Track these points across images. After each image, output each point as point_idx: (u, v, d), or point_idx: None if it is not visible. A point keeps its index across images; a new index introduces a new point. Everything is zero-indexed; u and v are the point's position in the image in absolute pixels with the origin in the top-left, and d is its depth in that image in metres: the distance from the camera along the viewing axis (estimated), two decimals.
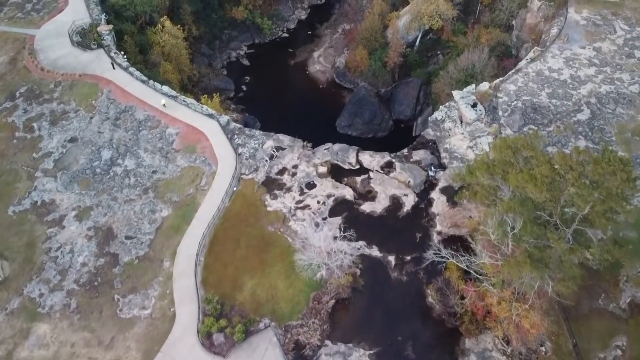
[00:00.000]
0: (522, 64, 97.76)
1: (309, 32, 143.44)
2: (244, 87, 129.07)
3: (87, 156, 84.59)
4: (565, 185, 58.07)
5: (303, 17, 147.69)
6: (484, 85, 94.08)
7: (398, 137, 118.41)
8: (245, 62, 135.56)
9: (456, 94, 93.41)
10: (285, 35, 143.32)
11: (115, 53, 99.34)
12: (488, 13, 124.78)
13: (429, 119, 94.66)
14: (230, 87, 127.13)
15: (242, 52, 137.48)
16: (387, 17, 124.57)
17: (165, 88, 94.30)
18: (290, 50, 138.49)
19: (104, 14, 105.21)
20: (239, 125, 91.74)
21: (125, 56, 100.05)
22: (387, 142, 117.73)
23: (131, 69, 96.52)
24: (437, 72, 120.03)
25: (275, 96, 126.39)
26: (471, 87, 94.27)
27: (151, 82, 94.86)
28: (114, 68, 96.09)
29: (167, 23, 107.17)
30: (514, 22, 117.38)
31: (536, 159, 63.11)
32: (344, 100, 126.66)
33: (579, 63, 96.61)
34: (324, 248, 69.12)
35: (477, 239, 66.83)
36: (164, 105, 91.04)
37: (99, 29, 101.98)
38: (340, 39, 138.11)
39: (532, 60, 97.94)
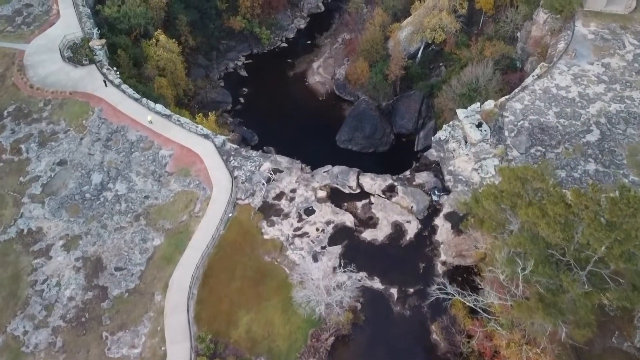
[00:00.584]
0: (528, 80, 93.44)
1: (309, 42, 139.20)
2: (242, 100, 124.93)
3: (76, 180, 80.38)
4: (579, 225, 54.00)
5: (302, 26, 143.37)
6: (489, 104, 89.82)
7: (399, 152, 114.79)
8: (243, 73, 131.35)
9: (460, 112, 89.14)
10: (284, 45, 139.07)
11: (107, 69, 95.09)
12: (492, 24, 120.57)
13: (432, 138, 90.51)
14: (227, 100, 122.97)
15: (239, 63, 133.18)
16: (389, 29, 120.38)
17: (159, 107, 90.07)
18: (289, 60, 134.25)
19: (96, 28, 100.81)
20: (234, 146, 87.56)
21: (117, 72, 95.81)
22: (389, 156, 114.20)
23: (124, 86, 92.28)
24: (439, 84, 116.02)
25: (274, 108, 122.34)
26: (476, 106, 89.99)
27: (144, 100, 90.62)
28: (105, 85, 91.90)
29: (162, 37, 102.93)
30: (518, 34, 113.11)
31: (547, 192, 59.11)
32: (344, 112, 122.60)
33: (587, 80, 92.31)
34: (322, 283, 64.88)
35: (485, 276, 62.66)
36: (150, 122, 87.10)
37: (91, 43, 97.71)
38: (340, 49, 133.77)
39: (539, 76, 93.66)
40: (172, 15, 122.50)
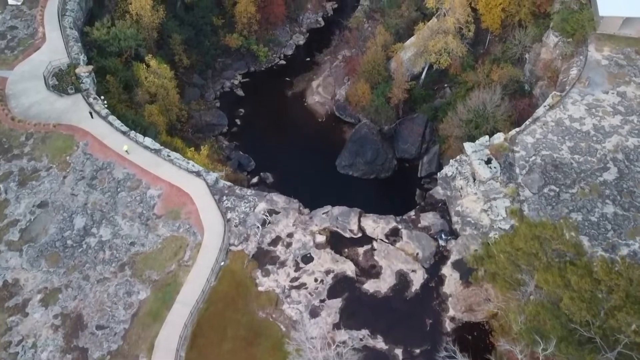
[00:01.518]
0: (540, 111, 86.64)
1: (308, 59, 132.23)
2: (238, 121, 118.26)
3: (57, 225, 73.79)
4: (607, 301, 47.52)
5: (301, 42, 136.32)
6: (499, 137, 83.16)
7: (402, 178, 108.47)
8: (240, 92, 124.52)
9: (468, 147, 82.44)
10: (283, 62, 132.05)
11: (94, 98, 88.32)
12: (498, 44, 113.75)
13: (438, 174, 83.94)
14: (223, 122, 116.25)
15: (236, 82, 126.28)
16: (391, 48, 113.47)
17: (148, 140, 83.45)
18: (287, 79, 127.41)
19: (83, 54, 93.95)
20: (228, 183, 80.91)
21: (105, 102, 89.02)
22: (391, 183, 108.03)
23: (111, 118, 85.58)
24: (444, 107, 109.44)
25: (271, 131, 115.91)
26: (484, 139, 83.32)
27: (132, 133, 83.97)
28: (92, 117, 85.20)
29: (153, 62, 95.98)
30: (527, 56, 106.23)
31: (568, 256, 52.70)
32: (345, 135, 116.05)
33: (603, 111, 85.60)
34: (320, 346, 58.40)
35: (499, 351, 56.18)
36: (126, 151, 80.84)
37: (77, 70, 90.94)
38: (341, 67, 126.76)
39: (551, 107, 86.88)
40: (165, 33, 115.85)
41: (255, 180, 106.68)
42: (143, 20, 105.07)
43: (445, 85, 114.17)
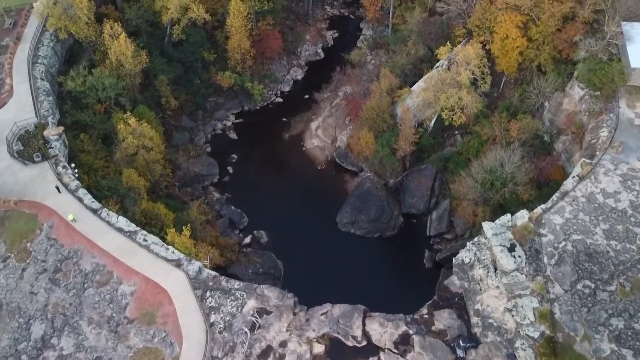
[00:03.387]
0: (568, 184, 73.70)
1: (306, 96, 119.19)
2: (230, 169, 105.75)
3: (11, 334, 61.31)
4: None
5: (299, 77, 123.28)
6: (523, 217, 70.33)
7: (409, 237, 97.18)
8: (233, 135, 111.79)
9: (488, 228, 69.57)
10: (279, 99, 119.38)
11: (64, 167, 75.58)
12: (514, 87, 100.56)
13: (454, 260, 71.18)
14: (213, 172, 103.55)
15: (229, 123, 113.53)
16: (397, 94, 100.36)
17: (122, 220, 70.81)
18: (284, 119, 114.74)
19: (54, 111, 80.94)
20: (213, 273, 68.24)
21: (76, 171, 76.27)
22: (397, 243, 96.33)
23: (81, 192, 72.94)
24: (454, 158, 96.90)
25: (267, 180, 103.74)
26: (506, 219, 70.45)
27: (105, 211, 71.22)
28: (59, 192, 72.41)
29: (132, 120, 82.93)
30: (546, 103, 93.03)
31: None
32: (346, 185, 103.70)
33: None
34: None
35: None
36: (72, 220, 69.02)
37: (45, 132, 78.27)
38: (342, 106, 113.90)
39: (581, 178, 73.96)
40: (151, 73, 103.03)
41: (248, 240, 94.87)
42: (124, 67, 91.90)
43: (456, 132, 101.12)
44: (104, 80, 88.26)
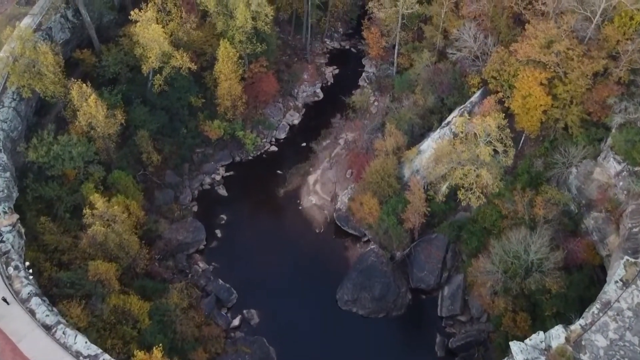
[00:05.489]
0: (610, 291, 60.93)
1: (303, 144, 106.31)
2: (219, 232, 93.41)
3: None
4: None
5: (296, 121, 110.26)
6: (558, 336, 57.70)
7: (418, 317, 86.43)
8: (222, 191, 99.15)
9: (516, 349, 57.19)
10: (274, 148, 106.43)
11: (16, 268, 62.90)
12: (534, 143, 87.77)
13: None
14: (199, 238, 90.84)
15: (218, 177, 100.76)
16: (404, 154, 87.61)
17: (80, 341, 57.81)
18: (279, 172, 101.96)
19: (6, 204, 67.98)
20: None
21: (30, 272, 63.69)
22: (404, 324, 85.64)
23: (34, 302, 60.27)
24: (469, 226, 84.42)
25: (259, 245, 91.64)
26: (539, 339, 57.93)
27: (60, 328, 58.52)
28: (7, 304, 59.82)
29: (100, 203, 70.21)
30: (574, 169, 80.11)
31: None
32: (347, 252, 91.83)
33: None
34: None
35: None
36: (3, 299, 57.78)
37: None
38: (342, 157, 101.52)
39: (625, 283, 61.26)
40: (132, 124, 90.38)
41: (236, 321, 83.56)
42: (96, 130, 79.30)
43: None
44: (71, 148, 75.74)
